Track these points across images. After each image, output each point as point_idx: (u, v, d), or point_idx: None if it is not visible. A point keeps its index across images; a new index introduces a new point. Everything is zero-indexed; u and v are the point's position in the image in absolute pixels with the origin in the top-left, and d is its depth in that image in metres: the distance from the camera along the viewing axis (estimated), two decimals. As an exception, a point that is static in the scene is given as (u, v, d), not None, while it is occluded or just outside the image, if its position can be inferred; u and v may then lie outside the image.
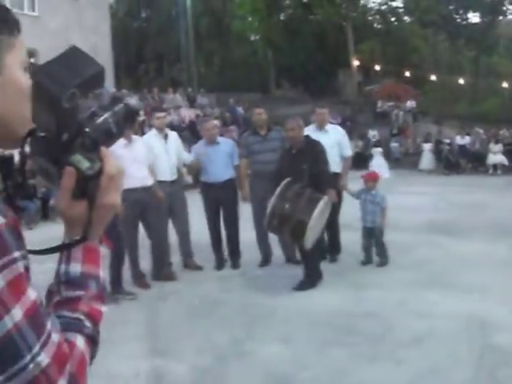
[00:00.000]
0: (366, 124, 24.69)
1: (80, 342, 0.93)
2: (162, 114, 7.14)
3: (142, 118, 19.59)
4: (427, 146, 21.03)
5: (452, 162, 20.13)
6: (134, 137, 6.59)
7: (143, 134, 11.11)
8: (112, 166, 1.03)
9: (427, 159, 20.68)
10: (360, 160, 21.37)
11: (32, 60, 23.28)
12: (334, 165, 6.83)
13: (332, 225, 7.00)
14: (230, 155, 7.06)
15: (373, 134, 22.98)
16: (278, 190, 5.80)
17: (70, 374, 0.87)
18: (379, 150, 20.77)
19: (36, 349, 0.83)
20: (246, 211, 7.36)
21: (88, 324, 0.97)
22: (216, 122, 8.03)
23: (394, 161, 21.20)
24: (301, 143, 6.26)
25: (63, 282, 1.00)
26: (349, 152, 7.51)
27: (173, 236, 7.16)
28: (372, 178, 7.23)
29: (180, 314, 5.49)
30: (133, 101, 21.40)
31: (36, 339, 0.84)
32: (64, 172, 0.97)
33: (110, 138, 1.06)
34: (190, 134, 18.19)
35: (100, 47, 26.44)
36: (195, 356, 4.47)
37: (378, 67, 29.62)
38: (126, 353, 4.57)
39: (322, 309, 5.50)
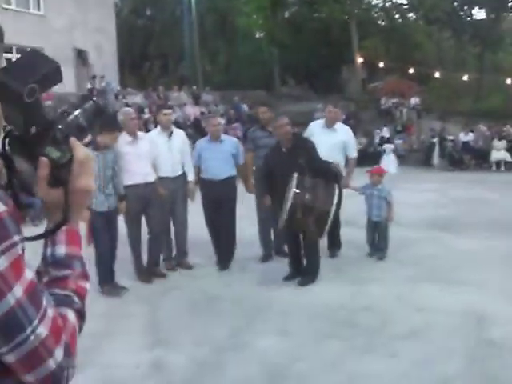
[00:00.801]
0: (370, 121, 24.72)
1: (71, 315, 1.05)
2: (168, 111, 7.14)
3: (146, 115, 19.77)
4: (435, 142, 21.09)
5: (456, 159, 20.16)
6: (140, 134, 6.69)
7: (148, 131, 11.27)
8: (81, 152, 1.12)
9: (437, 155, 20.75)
10: (363, 157, 21.46)
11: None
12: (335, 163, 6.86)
13: (333, 220, 7.05)
14: (232, 154, 7.05)
15: (383, 130, 23.01)
16: (294, 182, 5.79)
17: (64, 343, 0.99)
18: (391, 146, 20.83)
19: (35, 322, 0.94)
20: (243, 209, 7.47)
21: (76, 300, 1.09)
22: (220, 120, 8.01)
23: (398, 157, 21.23)
24: (291, 140, 6.25)
25: (50, 264, 1.10)
26: (354, 153, 7.50)
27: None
28: (378, 173, 7.32)
29: (180, 308, 5.58)
30: (137, 98, 21.56)
31: (35, 313, 0.95)
32: (38, 163, 1.07)
33: (81, 132, 1.16)
34: (195, 131, 18.27)
35: (105, 46, 26.58)
36: (194, 348, 4.57)
37: (382, 64, 29.57)
38: (127, 345, 4.68)
39: (320, 302, 5.58)
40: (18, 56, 1.13)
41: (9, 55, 21.98)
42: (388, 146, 20.71)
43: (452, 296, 5.64)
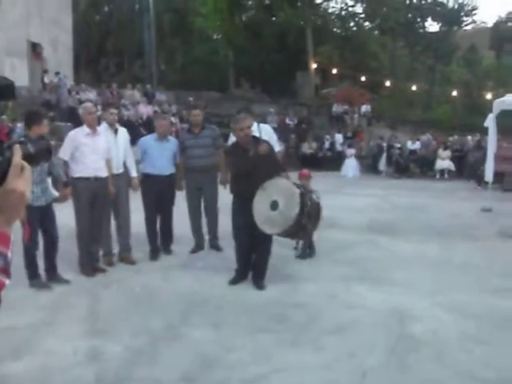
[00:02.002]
0: (322, 126, 25.19)
1: None
2: (115, 111, 7.41)
3: (99, 112, 19.69)
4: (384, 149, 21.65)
5: (402, 166, 20.76)
6: (99, 129, 6.84)
7: None
8: (18, 158, 1.30)
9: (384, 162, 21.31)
10: (313, 161, 21.94)
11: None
12: None
13: None
14: (174, 153, 7.59)
15: (336, 136, 23.48)
16: (297, 190, 5.77)
17: None
18: (352, 151, 21.32)
19: None
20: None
21: None
22: (173, 120, 8.31)
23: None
24: (250, 143, 6.17)
25: None
26: (277, 147, 7.72)
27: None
28: (305, 176, 7.66)
29: (120, 300, 5.77)
30: (91, 95, 21.47)
31: None
32: None
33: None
34: (147, 130, 18.31)
35: (61, 40, 26.35)
36: (131, 338, 4.76)
37: (335, 71, 30.16)
38: (66, 334, 4.83)
39: (256, 298, 5.84)
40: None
41: (-40, 45, 21.72)
42: (349, 151, 21.20)
43: (380, 295, 5.97)
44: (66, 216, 6.80)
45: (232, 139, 6.89)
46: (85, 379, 4.01)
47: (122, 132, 7.34)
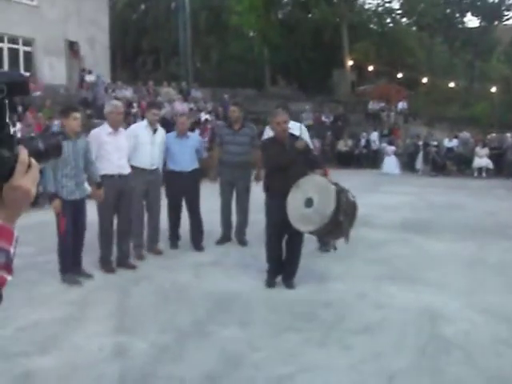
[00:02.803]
0: (357, 123, 24.97)
1: None
2: (157, 111, 7.59)
3: (135, 110, 19.91)
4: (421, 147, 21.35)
5: (439, 164, 20.44)
6: (120, 128, 6.94)
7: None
8: (24, 155, 1.30)
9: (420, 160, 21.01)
10: (348, 158, 21.78)
11: (29, 49, 23.52)
12: None
13: None
14: (196, 149, 7.77)
15: (372, 134, 23.24)
16: (333, 187, 5.60)
17: None
18: (393, 148, 21.08)
19: None
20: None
21: None
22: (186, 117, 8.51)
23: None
24: (287, 138, 6.09)
25: None
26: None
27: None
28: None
29: (149, 297, 5.78)
30: (127, 92, 21.67)
31: None
32: None
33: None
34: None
35: (98, 38, 26.65)
36: (157, 335, 4.76)
37: (371, 67, 29.88)
38: (93, 330, 4.86)
39: (284, 297, 5.80)
40: (10, 46, 1.39)
41: (0, 44, 22.12)
42: (390, 148, 20.96)
43: (411, 295, 5.87)
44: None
45: (268, 134, 6.94)
46: (109, 376, 4.02)
47: (161, 132, 7.56)
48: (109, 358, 4.33)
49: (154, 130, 7.37)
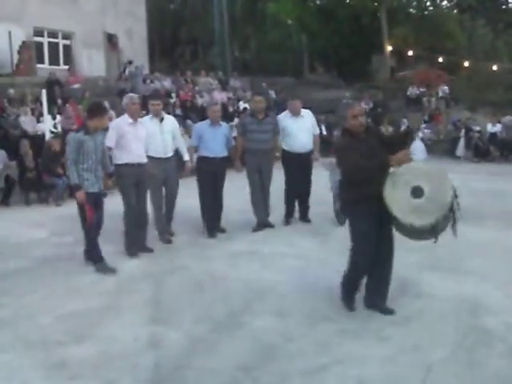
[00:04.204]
0: (398, 109, 24.54)
1: None
2: (156, 102, 7.78)
3: (173, 99, 19.99)
4: (462, 133, 20.87)
5: (481, 150, 19.95)
6: (139, 119, 7.26)
7: (175, 114, 12.30)
8: None
9: (462, 146, 20.54)
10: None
11: (68, 42, 23.81)
12: (311, 143, 8.56)
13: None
14: (227, 137, 8.19)
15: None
16: (443, 169, 5.01)
17: None
18: (419, 133, 20.71)
19: None
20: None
21: None
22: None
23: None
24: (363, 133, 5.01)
25: None
26: (317, 130, 8.95)
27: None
28: None
29: (185, 287, 5.79)
30: (165, 83, 21.74)
31: None
32: None
33: None
34: (223, 116, 18.43)
35: (135, 30, 26.80)
36: (192, 326, 4.76)
37: (411, 53, 29.32)
38: (128, 320, 4.90)
39: (320, 285, 5.71)
40: (50, 40, 1.33)
41: (40, 38, 22.42)
42: (416, 133, 20.59)
43: (452, 284, 5.73)
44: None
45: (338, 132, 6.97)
46: (143, 366, 4.02)
47: (169, 120, 7.87)
48: (143, 348, 4.34)
49: (161, 120, 7.66)
